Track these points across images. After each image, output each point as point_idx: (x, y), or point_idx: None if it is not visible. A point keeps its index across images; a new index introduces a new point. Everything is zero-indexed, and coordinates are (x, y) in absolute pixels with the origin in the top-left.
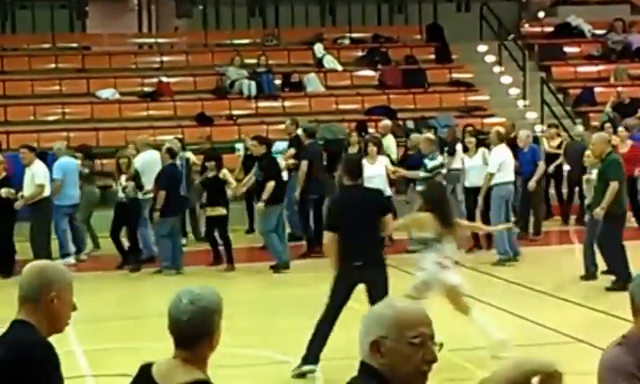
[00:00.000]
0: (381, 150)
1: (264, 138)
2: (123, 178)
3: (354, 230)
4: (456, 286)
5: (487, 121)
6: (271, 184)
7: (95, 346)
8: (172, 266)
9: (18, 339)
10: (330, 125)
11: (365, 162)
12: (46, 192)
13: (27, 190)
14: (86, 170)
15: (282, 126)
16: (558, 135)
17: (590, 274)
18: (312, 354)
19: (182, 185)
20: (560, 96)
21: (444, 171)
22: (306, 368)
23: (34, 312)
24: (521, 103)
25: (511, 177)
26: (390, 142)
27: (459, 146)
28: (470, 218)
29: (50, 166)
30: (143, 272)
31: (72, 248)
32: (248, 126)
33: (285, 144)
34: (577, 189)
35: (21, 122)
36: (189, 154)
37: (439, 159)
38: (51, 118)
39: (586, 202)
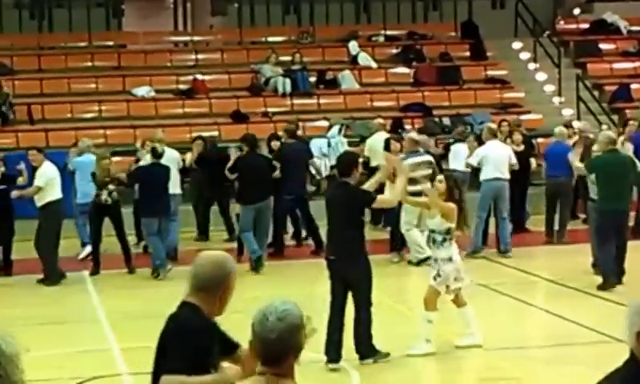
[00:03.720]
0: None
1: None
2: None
3: None
4: None
5: (523, 117)
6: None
7: (132, 344)
8: (162, 263)
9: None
10: (365, 122)
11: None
12: (56, 195)
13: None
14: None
15: (317, 123)
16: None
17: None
18: None
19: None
20: (596, 93)
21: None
22: None
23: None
24: (556, 100)
25: (498, 174)
26: (380, 138)
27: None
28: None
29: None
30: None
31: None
32: (283, 123)
33: (322, 141)
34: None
35: (58, 119)
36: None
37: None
38: (88, 116)
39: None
